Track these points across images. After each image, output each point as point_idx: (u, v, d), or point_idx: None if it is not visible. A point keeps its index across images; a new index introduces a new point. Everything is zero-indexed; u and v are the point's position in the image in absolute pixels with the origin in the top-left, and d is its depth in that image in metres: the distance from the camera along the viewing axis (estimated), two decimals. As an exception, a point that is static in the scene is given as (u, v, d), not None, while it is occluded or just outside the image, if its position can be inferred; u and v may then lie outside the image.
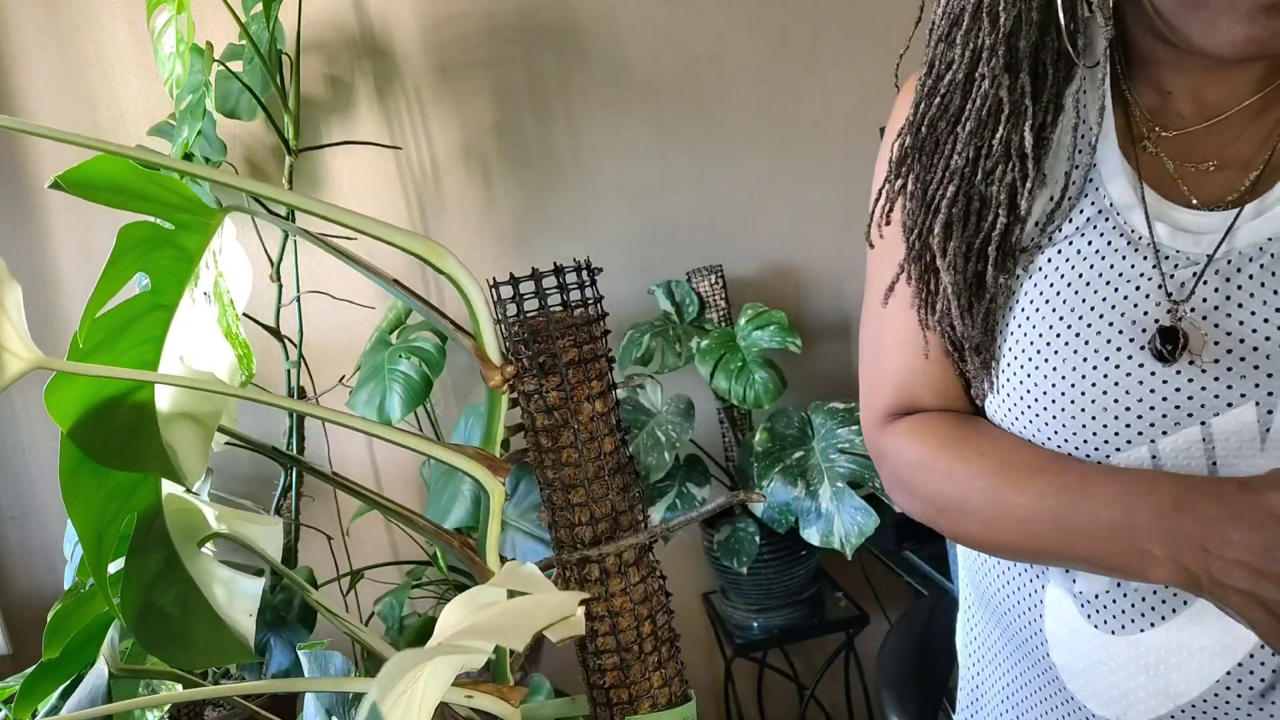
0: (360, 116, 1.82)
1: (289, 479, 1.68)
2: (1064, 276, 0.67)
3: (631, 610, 0.51)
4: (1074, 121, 0.68)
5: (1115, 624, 0.69)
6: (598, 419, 0.49)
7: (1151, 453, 0.64)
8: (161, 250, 0.42)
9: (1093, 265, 0.66)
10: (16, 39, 1.73)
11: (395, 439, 0.44)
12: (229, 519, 0.48)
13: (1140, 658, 0.68)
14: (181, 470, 0.41)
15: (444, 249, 0.42)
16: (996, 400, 0.71)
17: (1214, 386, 0.61)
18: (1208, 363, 0.61)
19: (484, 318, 0.44)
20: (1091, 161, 0.67)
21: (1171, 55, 0.65)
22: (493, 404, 0.46)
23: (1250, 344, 0.60)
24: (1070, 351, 0.66)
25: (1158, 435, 0.63)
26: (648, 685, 0.52)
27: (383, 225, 0.41)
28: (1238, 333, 0.61)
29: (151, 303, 0.43)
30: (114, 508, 0.43)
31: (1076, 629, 0.71)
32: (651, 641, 0.52)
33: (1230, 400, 0.61)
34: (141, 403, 0.42)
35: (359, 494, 0.47)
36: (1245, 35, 0.57)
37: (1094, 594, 0.70)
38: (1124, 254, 0.65)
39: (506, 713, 0.48)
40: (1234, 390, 0.61)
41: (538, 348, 0.48)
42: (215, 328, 0.46)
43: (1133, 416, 0.64)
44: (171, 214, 0.42)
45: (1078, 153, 0.67)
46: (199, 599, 0.46)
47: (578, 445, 0.49)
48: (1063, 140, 0.69)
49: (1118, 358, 0.64)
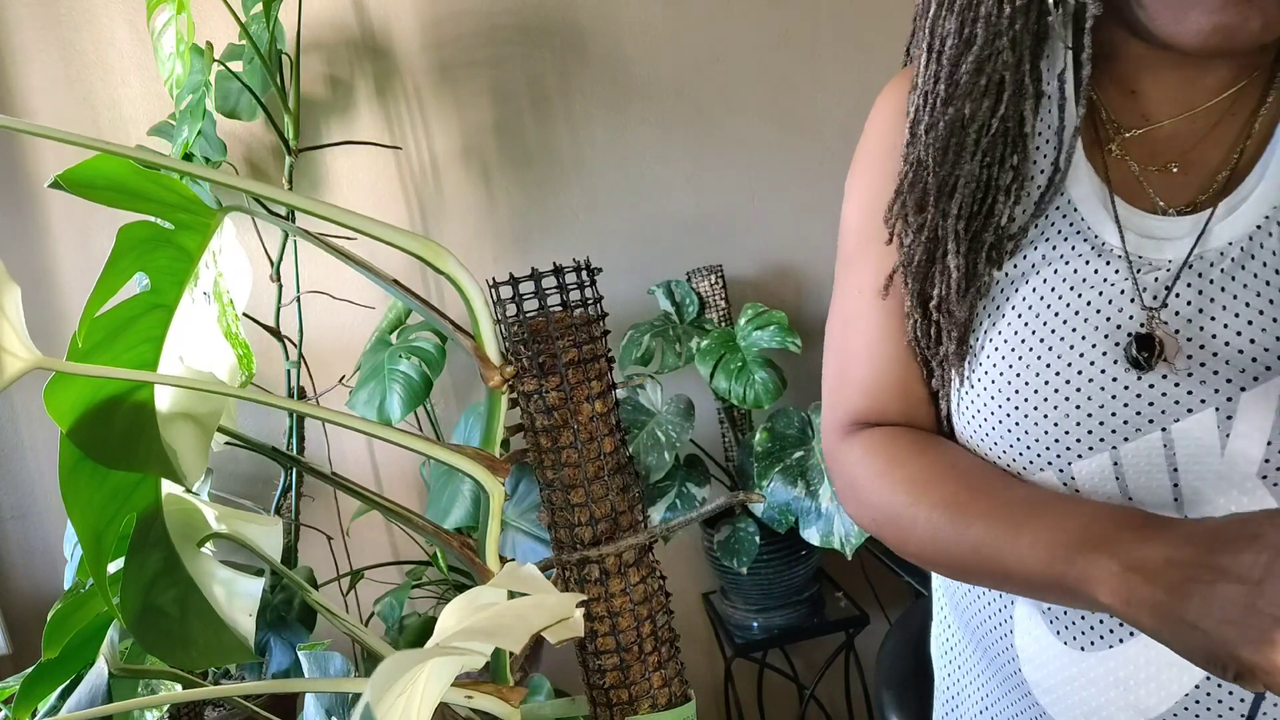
0: (360, 116, 1.82)
1: (289, 479, 1.68)
2: (1036, 286, 0.67)
3: (631, 610, 0.51)
4: (1053, 107, 0.67)
5: (1085, 640, 0.69)
6: (597, 419, 0.49)
7: (1114, 459, 0.64)
8: (161, 250, 0.42)
9: (1064, 277, 0.66)
10: (16, 39, 1.73)
11: (395, 439, 0.44)
12: (229, 519, 0.48)
13: (1110, 673, 0.68)
14: (181, 470, 0.41)
15: (444, 249, 0.41)
16: (966, 400, 0.70)
17: (1175, 392, 0.61)
18: (1178, 369, 0.61)
19: (484, 318, 0.44)
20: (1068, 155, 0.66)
21: (1140, 51, 0.65)
22: (492, 404, 0.46)
23: (1210, 349, 0.60)
24: (1046, 357, 0.65)
25: (1120, 442, 0.63)
26: (648, 685, 0.52)
27: (383, 225, 0.41)
28: (1198, 338, 0.61)
29: (151, 302, 0.43)
30: (114, 507, 0.43)
31: (1046, 645, 0.71)
32: (651, 642, 0.52)
33: (1191, 406, 0.61)
34: (141, 402, 0.41)
35: (359, 494, 0.47)
36: (1213, 24, 0.57)
37: (1063, 611, 0.70)
38: (1092, 262, 0.64)
39: (506, 713, 0.48)
40: (1194, 396, 0.61)
41: (537, 348, 0.48)
42: (215, 328, 0.46)
43: (1095, 423, 0.64)
44: (171, 214, 0.42)
45: (1060, 139, 0.66)
46: (199, 599, 0.46)
47: (577, 445, 0.49)
48: (1042, 128, 0.68)
49: (1092, 370, 0.64)
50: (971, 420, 0.70)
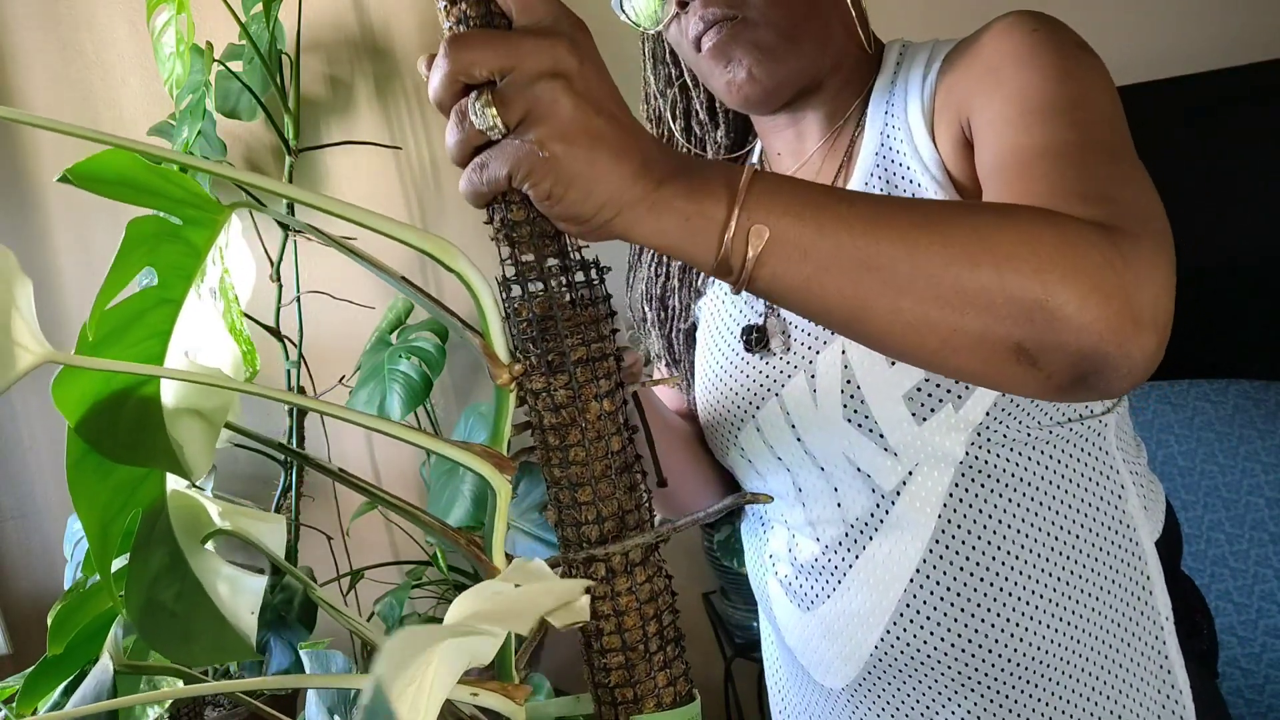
0: (360, 116, 1.82)
1: (289, 479, 1.68)
2: (713, 302, 0.90)
3: (637, 609, 0.51)
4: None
5: (805, 601, 0.84)
6: (605, 418, 0.49)
7: (756, 425, 0.83)
8: (169, 245, 0.42)
9: (722, 297, 0.89)
10: (16, 39, 1.73)
11: (402, 435, 0.44)
12: (233, 515, 0.48)
13: (823, 627, 0.82)
14: (187, 465, 0.41)
15: (455, 247, 0.42)
16: (693, 395, 0.93)
17: (779, 365, 0.81)
18: (775, 350, 0.81)
19: (492, 316, 0.44)
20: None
21: (763, 125, 0.86)
22: (500, 402, 0.46)
23: (795, 330, 0.80)
24: (710, 357, 0.88)
25: (755, 411, 0.82)
26: (652, 685, 0.52)
27: (395, 223, 0.41)
28: (789, 324, 0.81)
29: (158, 297, 0.43)
30: (120, 501, 0.43)
31: (786, 610, 0.87)
32: (657, 641, 0.52)
33: (790, 374, 0.80)
34: (148, 397, 0.42)
35: (368, 491, 0.47)
36: (725, 83, 0.77)
37: (788, 577, 0.86)
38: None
39: (512, 710, 0.48)
40: (790, 364, 0.80)
41: (545, 346, 0.48)
42: (220, 324, 0.46)
43: (738, 398, 0.84)
44: (180, 209, 0.42)
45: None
46: (202, 595, 0.46)
47: (585, 444, 0.49)
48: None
49: (729, 358, 0.86)
50: (699, 404, 0.91)
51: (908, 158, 0.75)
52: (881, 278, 0.46)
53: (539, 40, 0.43)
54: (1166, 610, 0.78)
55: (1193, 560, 1.47)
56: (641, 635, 0.52)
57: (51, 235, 1.79)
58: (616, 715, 0.53)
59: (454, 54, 0.44)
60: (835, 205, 0.47)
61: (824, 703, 0.86)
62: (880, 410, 0.74)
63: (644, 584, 0.51)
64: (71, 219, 1.78)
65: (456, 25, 0.47)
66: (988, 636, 0.75)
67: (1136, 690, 0.76)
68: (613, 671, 0.52)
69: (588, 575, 0.51)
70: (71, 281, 1.80)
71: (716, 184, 0.46)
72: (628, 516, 0.51)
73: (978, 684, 0.76)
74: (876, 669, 0.79)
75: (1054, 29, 0.68)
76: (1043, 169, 0.58)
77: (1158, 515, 0.80)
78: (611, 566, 0.51)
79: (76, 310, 1.82)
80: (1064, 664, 0.75)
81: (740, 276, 0.47)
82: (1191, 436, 1.52)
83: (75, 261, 1.79)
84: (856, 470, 0.77)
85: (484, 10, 0.47)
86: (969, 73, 0.71)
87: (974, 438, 0.73)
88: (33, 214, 1.78)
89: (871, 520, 0.78)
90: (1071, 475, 0.75)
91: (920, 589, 0.76)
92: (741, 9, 0.74)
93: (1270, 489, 1.44)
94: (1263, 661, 1.41)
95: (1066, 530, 0.75)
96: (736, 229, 0.45)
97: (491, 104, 0.43)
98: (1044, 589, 0.74)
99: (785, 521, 0.86)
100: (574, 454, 0.49)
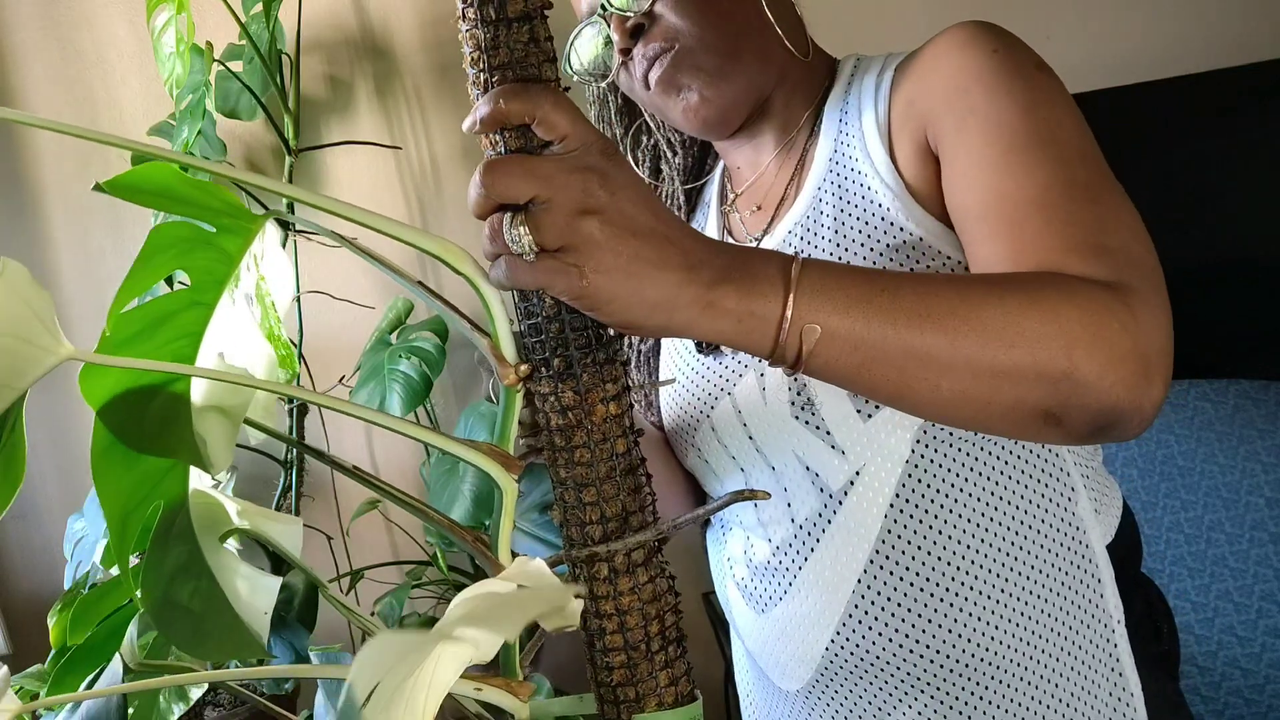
0: (360, 116, 1.82)
1: (289, 479, 1.68)
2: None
3: (640, 609, 0.51)
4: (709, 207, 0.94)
5: (760, 603, 0.85)
6: (611, 420, 0.49)
7: (711, 424, 0.86)
8: (201, 250, 0.43)
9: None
10: (16, 39, 1.73)
11: (409, 432, 0.44)
12: (250, 515, 0.49)
13: (778, 629, 0.83)
14: (208, 458, 0.41)
15: (462, 250, 0.42)
16: (661, 401, 0.95)
17: (730, 364, 0.84)
18: (729, 349, 0.83)
19: (500, 317, 0.44)
20: (701, 224, 0.95)
21: (719, 143, 0.90)
22: (508, 402, 0.46)
23: None
24: (667, 365, 0.92)
25: (710, 411, 0.85)
26: (654, 684, 0.52)
27: (403, 226, 0.41)
28: None
29: (190, 300, 0.44)
30: (143, 491, 0.44)
31: (743, 612, 0.88)
32: (659, 641, 0.52)
33: (740, 373, 0.82)
34: (177, 393, 0.43)
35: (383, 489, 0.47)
36: (680, 111, 0.80)
37: (744, 579, 0.87)
38: None
39: (515, 707, 0.48)
40: (741, 364, 0.83)
41: (553, 348, 0.48)
42: (256, 329, 0.48)
43: (694, 400, 0.87)
44: (214, 218, 0.43)
45: (707, 221, 0.95)
46: (219, 593, 0.46)
47: (590, 446, 0.49)
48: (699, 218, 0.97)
49: (686, 357, 0.89)
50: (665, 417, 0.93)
51: (861, 163, 0.77)
52: (924, 363, 0.51)
53: (570, 176, 0.46)
54: (1118, 613, 0.78)
55: (1193, 560, 1.48)
56: (644, 635, 0.52)
57: (51, 235, 1.79)
58: (619, 714, 0.53)
59: (490, 179, 0.46)
60: (878, 297, 0.51)
61: (783, 705, 0.87)
62: (826, 406, 0.76)
63: (646, 584, 0.52)
64: (71, 219, 1.78)
65: (494, 148, 0.49)
66: (935, 638, 0.75)
67: (1087, 692, 0.76)
68: (615, 671, 0.52)
69: (591, 574, 0.51)
70: (71, 283, 1.80)
71: (765, 283, 0.50)
72: (631, 517, 0.51)
73: (928, 685, 0.76)
74: (828, 671, 0.80)
75: (1013, 48, 0.69)
76: (1035, 225, 0.61)
77: (1111, 518, 0.80)
78: (614, 566, 0.51)
79: (74, 311, 1.82)
80: (1014, 665, 0.75)
81: (796, 367, 0.51)
82: (1191, 436, 1.53)
83: (75, 261, 1.79)
84: (805, 469, 0.78)
85: (523, 143, 0.48)
86: (930, 85, 0.72)
87: (920, 435, 0.74)
88: (32, 214, 1.78)
89: (820, 521, 0.78)
90: (1019, 476, 0.75)
91: (868, 590, 0.76)
92: (678, 39, 0.77)
93: (1270, 489, 1.45)
94: (1263, 661, 1.41)
95: (1014, 532, 0.75)
96: (790, 328, 0.49)
97: (525, 226, 0.46)
98: (992, 590, 0.75)
99: (741, 523, 0.87)
100: (579, 455, 0.49)
